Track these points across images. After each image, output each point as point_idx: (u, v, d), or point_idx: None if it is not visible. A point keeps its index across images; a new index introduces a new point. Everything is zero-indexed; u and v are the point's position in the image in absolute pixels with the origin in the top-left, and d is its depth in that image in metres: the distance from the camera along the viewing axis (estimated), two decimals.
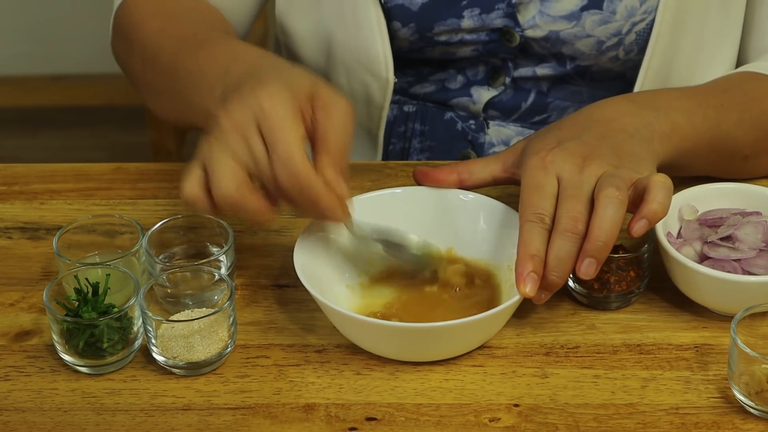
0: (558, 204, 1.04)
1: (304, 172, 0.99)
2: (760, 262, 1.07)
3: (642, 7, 1.26)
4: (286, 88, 1.01)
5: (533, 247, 1.02)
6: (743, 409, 0.99)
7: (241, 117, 1.00)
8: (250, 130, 1.00)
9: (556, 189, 1.05)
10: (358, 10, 1.29)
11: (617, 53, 1.30)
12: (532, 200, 1.04)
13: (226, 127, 1.00)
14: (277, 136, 0.99)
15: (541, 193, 1.05)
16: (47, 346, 1.06)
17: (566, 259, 1.01)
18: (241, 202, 1.00)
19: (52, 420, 1.00)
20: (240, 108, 1.01)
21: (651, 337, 1.06)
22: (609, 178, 1.04)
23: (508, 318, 1.05)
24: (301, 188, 0.99)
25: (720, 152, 1.21)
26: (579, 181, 1.05)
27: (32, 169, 1.29)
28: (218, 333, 1.03)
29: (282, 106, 1.00)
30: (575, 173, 1.06)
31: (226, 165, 1.00)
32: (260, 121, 1.00)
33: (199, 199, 1.01)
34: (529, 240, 1.02)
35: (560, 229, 1.02)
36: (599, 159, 1.07)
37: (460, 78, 1.36)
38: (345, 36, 1.32)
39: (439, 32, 1.30)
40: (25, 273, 1.15)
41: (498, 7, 1.28)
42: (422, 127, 1.38)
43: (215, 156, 1.00)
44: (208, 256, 1.11)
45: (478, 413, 0.99)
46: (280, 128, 0.99)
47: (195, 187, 1.01)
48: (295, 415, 0.99)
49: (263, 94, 1.00)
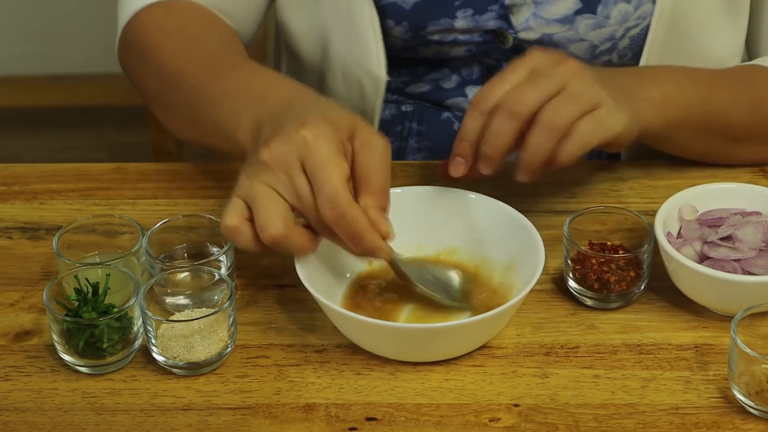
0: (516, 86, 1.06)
1: (350, 210, 0.99)
2: (760, 262, 1.07)
3: (636, 12, 1.26)
4: (329, 126, 1.01)
5: (465, 132, 1.07)
6: (743, 409, 0.99)
7: (285, 154, 1.00)
8: (295, 167, 1.00)
9: (522, 80, 1.07)
10: (353, 7, 1.30)
11: (611, 58, 1.30)
12: (489, 83, 1.07)
13: (270, 163, 1.00)
14: (322, 173, 0.99)
15: (501, 78, 1.07)
16: (47, 346, 1.06)
17: (500, 134, 1.05)
18: (288, 240, 1.01)
19: (52, 420, 1.00)
20: (284, 145, 1.01)
21: (651, 337, 1.06)
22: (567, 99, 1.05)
23: (509, 319, 1.05)
24: (347, 226, 0.99)
25: (711, 130, 1.20)
26: (546, 74, 1.06)
27: (32, 169, 1.29)
28: (218, 333, 1.03)
29: (326, 144, 1.00)
30: (547, 66, 1.07)
31: (273, 202, 1.00)
32: (305, 159, 1.00)
33: (242, 232, 1.01)
34: (464, 124, 1.07)
35: (499, 106, 1.05)
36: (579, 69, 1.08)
37: (455, 77, 1.36)
38: (340, 33, 1.33)
39: (432, 31, 1.30)
40: (25, 273, 1.15)
41: (491, 8, 1.28)
42: (419, 127, 1.39)
43: (259, 191, 1.00)
44: (208, 256, 1.11)
45: (478, 413, 0.99)
46: (325, 166, 0.99)
47: (236, 219, 1.01)
48: (295, 415, 0.99)
49: (307, 133, 1.00)
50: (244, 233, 1.01)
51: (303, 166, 1.00)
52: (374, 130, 1.04)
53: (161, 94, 1.26)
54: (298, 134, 1.00)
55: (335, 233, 1.01)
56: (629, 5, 1.26)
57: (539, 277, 1.03)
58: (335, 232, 1.01)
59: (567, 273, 1.10)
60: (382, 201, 1.02)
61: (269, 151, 1.01)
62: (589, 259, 1.08)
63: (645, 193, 1.24)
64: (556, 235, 1.13)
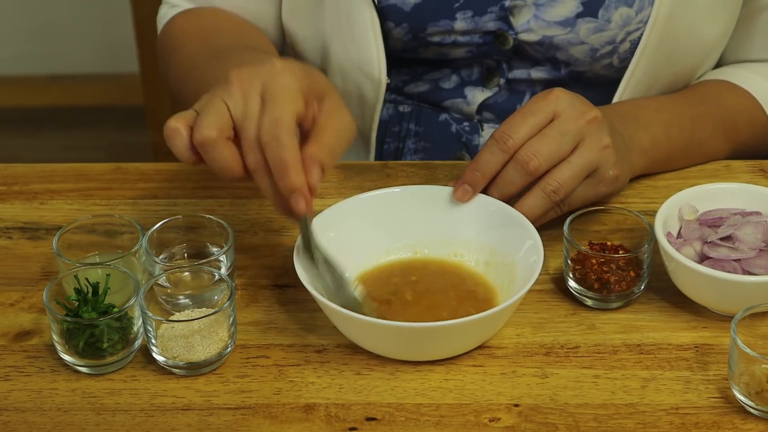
0: (536, 134, 1.10)
1: (287, 138, 0.99)
2: (760, 262, 1.07)
3: (638, 16, 1.26)
4: (303, 74, 1.03)
5: (480, 164, 1.11)
6: (743, 409, 0.99)
7: (250, 75, 1.02)
8: (254, 88, 1.01)
9: (544, 124, 1.10)
10: (353, 9, 1.30)
11: (611, 61, 1.30)
12: (512, 120, 1.11)
13: (234, 81, 1.02)
14: (276, 99, 1.00)
15: (524, 118, 1.10)
16: (47, 346, 1.06)
17: (511, 184, 1.10)
18: (215, 146, 1.01)
19: (52, 420, 1.00)
20: (252, 68, 1.03)
21: (651, 337, 1.06)
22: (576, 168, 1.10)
23: (508, 318, 1.05)
24: (278, 151, 0.99)
25: (692, 158, 1.27)
26: (569, 129, 1.10)
27: (32, 169, 1.29)
28: (218, 333, 1.03)
29: (292, 82, 1.01)
30: (573, 119, 1.10)
31: (217, 112, 1.01)
32: (266, 85, 1.01)
33: (179, 134, 1.02)
34: (481, 155, 1.10)
35: (516, 158, 1.09)
36: (601, 125, 1.11)
37: (455, 78, 1.36)
38: (340, 37, 1.33)
39: (432, 33, 1.30)
40: (25, 273, 1.15)
41: (491, 10, 1.28)
42: (417, 128, 1.39)
43: (211, 102, 1.02)
44: (208, 256, 1.11)
45: (478, 413, 0.99)
46: (282, 95, 1.00)
47: (179, 121, 1.03)
48: (295, 415, 0.99)
49: (279, 67, 1.02)
50: (181, 135, 1.02)
51: (262, 92, 1.01)
52: (344, 105, 1.04)
53: (181, 91, 1.30)
54: (270, 62, 1.03)
55: (261, 168, 1.00)
56: (631, 9, 1.26)
57: (538, 276, 1.03)
58: (261, 167, 1.00)
59: (567, 273, 1.10)
60: (326, 158, 1.01)
61: (238, 72, 1.03)
62: (589, 259, 1.08)
63: (645, 193, 1.24)
64: (556, 235, 1.13)
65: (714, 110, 1.29)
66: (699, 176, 1.26)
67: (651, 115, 1.24)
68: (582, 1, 1.26)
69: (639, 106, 1.26)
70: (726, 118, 1.29)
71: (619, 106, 1.26)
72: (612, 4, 1.26)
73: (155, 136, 2.71)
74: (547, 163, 1.09)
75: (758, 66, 1.34)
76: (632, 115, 1.23)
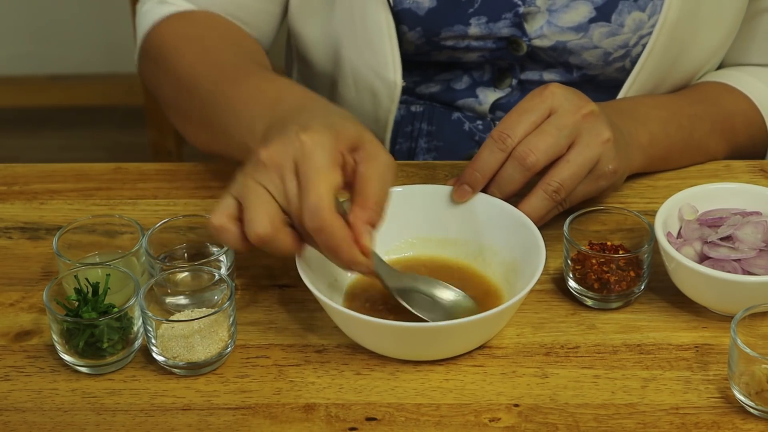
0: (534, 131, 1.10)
1: (330, 223, 0.98)
2: (760, 262, 1.07)
3: (650, 20, 1.26)
4: (330, 135, 1.00)
5: (479, 164, 1.11)
6: (743, 409, 0.99)
7: (281, 155, 1.00)
8: (288, 169, 0.99)
9: (541, 120, 1.10)
10: (368, 13, 1.29)
11: (624, 64, 1.30)
12: (510, 119, 1.10)
13: (266, 162, 1.00)
14: (310, 181, 0.98)
15: (522, 115, 1.10)
16: (47, 346, 1.06)
17: (511, 181, 1.10)
18: (274, 240, 1.00)
19: (52, 420, 1.00)
20: (282, 146, 1.00)
21: (651, 337, 1.06)
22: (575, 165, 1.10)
23: (508, 318, 1.05)
24: (325, 238, 0.99)
25: (691, 157, 1.27)
26: (566, 123, 1.10)
27: (32, 169, 1.29)
28: (218, 333, 1.03)
29: (322, 152, 0.99)
30: (569, 113, 1.10)
31: (263, 201, 0.99)
32: (299, 163, 0.99)
33: (228, 230, 1.01)
34: (480, 155, 1.10)
35: (513, 154, 1.09)
36: (598, 118, 1.11)
37: (466, 78, 1.36)
38: (354, 39, 1.32)
39: (445, 37, 1.30)
40: (25, 273, 1.15)
41: (505, 16, 1.28)
42: (429, 127, 1.39)
43: (251, 189, 1.00)
44: (208, 256, 1.11)
45: (478, 413, 0.99)
46: (315, 174, 0.98)
47: (224, 216, 1.01)
48: (295, 415, 0.99)
49: (306, 137, 1.00)
50: (231, 231, 1.01)
51: (296, 170, 0.99)
52: (381, 146, 1.03)
53: (179, 101, 1.26)
54: (298, 138, 1.00)
55: (317, 245, 1.01)
56: (643, 13, 1.26)
57: (539, 276, 1.03)
58: (316, 245, 1.01)
59: (567, 273, 1.10)
60: (373, 216, 1.01)
61: (267, 151, 1.01)
62: (589, 259, 1.08)
63: (645, 193, 1.24)
64: (556, 235, 1.13)
65: (713, 110, 1.29)
66: (699, 176, 1.26)
67: (649, 112, 1.24)
68: (595, 6, 1.26)
69: (637, 103, 1.26)
70: (724, 119, 1.29)
71: (617, 103, 1.26)
72: (625, 8, 1.26)
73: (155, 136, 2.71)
74: (544, 157, 1.09)
75: (757, 70, 1.34)
76: (631, 112, 1.23)
